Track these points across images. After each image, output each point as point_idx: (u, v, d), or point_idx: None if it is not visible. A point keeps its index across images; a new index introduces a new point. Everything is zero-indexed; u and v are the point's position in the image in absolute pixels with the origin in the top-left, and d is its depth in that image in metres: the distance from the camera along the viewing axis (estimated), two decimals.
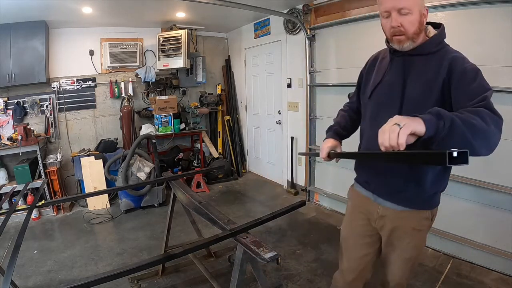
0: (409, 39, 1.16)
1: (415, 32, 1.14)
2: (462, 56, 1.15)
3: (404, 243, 1.31)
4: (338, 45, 3.23)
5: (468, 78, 1.07)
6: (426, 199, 1.24)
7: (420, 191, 1.22)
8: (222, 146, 5.09)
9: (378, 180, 1.32)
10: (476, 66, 1.12)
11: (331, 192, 3.48)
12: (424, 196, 1.23)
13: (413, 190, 1.22)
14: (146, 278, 2.26)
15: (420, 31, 1.16)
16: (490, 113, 0.99)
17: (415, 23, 1.12)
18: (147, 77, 4.29)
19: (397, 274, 1.39)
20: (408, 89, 1.17)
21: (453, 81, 1.09)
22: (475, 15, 2.17)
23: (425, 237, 1.32)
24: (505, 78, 2.05)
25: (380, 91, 1.30)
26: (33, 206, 1.85)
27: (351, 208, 1.50)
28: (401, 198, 1.25)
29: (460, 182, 2.34)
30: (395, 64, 1.27)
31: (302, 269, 2.40)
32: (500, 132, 1.01)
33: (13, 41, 3.42)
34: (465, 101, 1.03)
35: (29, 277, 2.40)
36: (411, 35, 1.14)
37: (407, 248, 1.31)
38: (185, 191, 2.03)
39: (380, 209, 1.32)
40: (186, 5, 3.42)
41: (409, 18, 1.11)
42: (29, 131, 3.48)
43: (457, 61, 1.12)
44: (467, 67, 1.10)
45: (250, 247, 1.30)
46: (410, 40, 1.16)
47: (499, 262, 2.19)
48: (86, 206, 3.77)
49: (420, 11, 1.12)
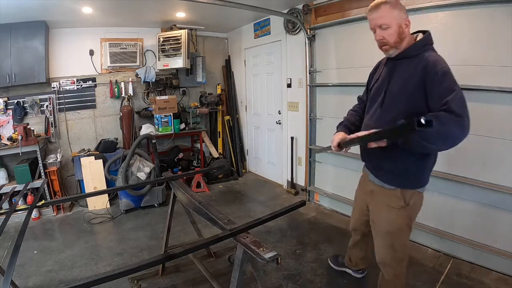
0: (392, 48, 1.43)
1: (396, 41, 1.41)
2: (435, 59, 1.34)
3: (380, 218, 1.63)
4: (338, 45, 3.23)
5: (438, 80, 1.28)
6: (398, 179, 1.51)
7: (393, 170, 1.51)
8: (222, 146, 5.09)
9: (368, 160, 1.67)
10: (447, 69, 1.30)
11: (331, 192, 3.48)
12: (396, 176, 1.51)
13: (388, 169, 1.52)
14: (146, 278, 2.26)
15: (401, 40, 1.41)
16: (449, 115, 1.19)
17: (394, 35, 1.40)
18: (147, 77, 4.29)
19: (380, 252, 1.66)
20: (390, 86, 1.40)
21: (427, 82, 1.32)
22: (475, 15, 2.17)
23: (401, 217, 1.55)
24: (505, 78, 2.05)
25: (374, 88, 1.62)
26: (33, 206, 1.85)
27: (361, 179, 1.90)
28: (380, 174, 1.58)
29: (460, 182, 2.34)
30: (387, 66, 1.56)
31: (302, 269, 2.40)
32: (462, 128, 1.22)
33: (13, 41, 3.42)
34: (435, 100, 1.28)
35: (29, 277, 2.40)
36: (393, 44, 1.42)
37: (382, 222, 1.61)
38: (185, 191, 2.03)
39: (370, 185, 1.67)
40: (186, 5, 3.42)
41: (389, 31, 1.39)
42: (29, 131, 3.48)
43: (430, 64, 1.33)
44: (438, 71, 1.29)
45: (250, 247, 1.30)
46: (393, 48, 1.44)
47: (499, 262, 2.18)
48: (86, 206, 3.77)
49: (398, 24, 1.39)
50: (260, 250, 1.27)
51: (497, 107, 2.13)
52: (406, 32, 1.41)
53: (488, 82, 2.13)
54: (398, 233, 1.57)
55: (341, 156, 3.28)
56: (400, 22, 1.38)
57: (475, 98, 2.22)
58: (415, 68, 1.36)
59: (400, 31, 1.39)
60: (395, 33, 1.39)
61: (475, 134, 2.24)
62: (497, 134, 2.15)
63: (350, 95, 3.18)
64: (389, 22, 1.38)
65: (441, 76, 1.28)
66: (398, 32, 1.39)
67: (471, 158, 2.30)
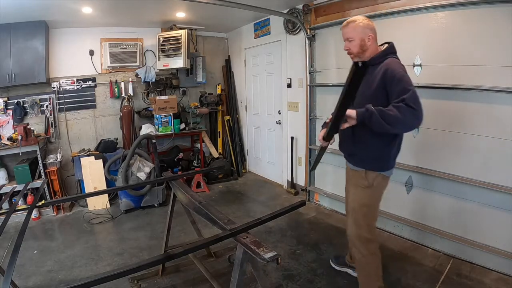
0: (356, 56, 1.80)
1: (358, 52, 1.78)
2: (394, 66, 1.66)
3: (350, 196, 1.99)
4: (338, 45, 3.22)
5: (395, 84, 1.61)
6: (365, 162, 1.81)
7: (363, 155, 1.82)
8: (222, 146, 5.09)
9: (344, 149, 1.95)
10: (402, 73, 1.63)
11: (331, 192, 3.48)
12: (365, 160, 1.81)
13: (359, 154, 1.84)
14: (146, 278, 2.26)
15: (363, 50, 1.77)
16: (406, 107, 1.52)
17: (357, 46, 1.77)
18: (147, 77, 4.29)
19: (348, 228, 1.94)
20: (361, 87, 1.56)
21: (387, 84, 1.64)
22: (475, 15, 2.17)
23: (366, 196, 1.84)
24: (505, 78, 2.05)
25: None
26: (33, 206, 1.85)
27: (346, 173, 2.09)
28: (353, 160, 1.89)
29: (460, 182, 2.34)
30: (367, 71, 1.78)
31: (302, 269, 2.40)
32: (416, 118, 1.55)
33: (13, 41, 3.42)
34: (395, 98, 1.59)
35: (29, 277, 2.40)
36: (356, 53, 1.79)
37: (351, 200, 1.96)
38: (185, 191, 2.03)
39: (348, 170, 1.98)
40: (186, 5, 3.42)
41: (353, 43, 1.77)
42: (29, 131, 3.48)
43: (389, 70, 1.65)
44: (395, 76, 1.62)
45: (250, 247, 1.30)
46: (357, 57, 1.79)
47: (499, 262, 2.19)
48: (86, 206, 3.77)
49: (361, 39, 1.75)
50: (260, 250, 1.27)
51: (497, 107, 2.13)
52: (368, 45, 1.76)
53: (488, 82, 2.13)
54: (361, 210, 1.85)
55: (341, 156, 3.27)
56: (364, 37, 1.75)
57: (475, 98, 2.23)
58: (378, 73, 1.69)
59: (362, 44, 1.75)
60: (358, 45, 1.76)
61: (475, 134, 2.26)
62: (497, 134, 2.14)
63: None
64: (353, 36, 1.76)
65: (398, 80, 1.60)
66: (360, 44, 1.76)
67: (471, 158, 2.30)
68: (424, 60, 2.49)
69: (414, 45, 2.53)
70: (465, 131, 2.31)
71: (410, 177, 2.70)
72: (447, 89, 2.36)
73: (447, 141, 2.42)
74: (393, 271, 2.31)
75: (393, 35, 2.66)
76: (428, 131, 2.53)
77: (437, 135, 2.48)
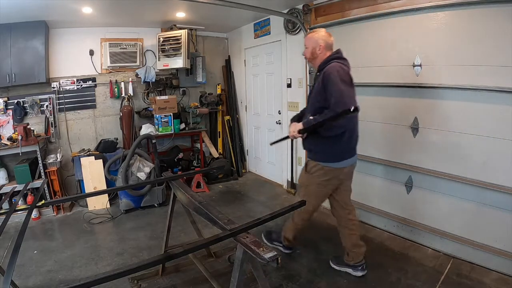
0: (309, 62, 2.23)
1: (310, 58, 2.16)
2: (329, 70, 1.93)
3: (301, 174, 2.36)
4: (338, 45, 3.19)
5: (329, 86, 1.90)
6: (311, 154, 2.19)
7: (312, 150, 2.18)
8: (222, 146, 5.09)
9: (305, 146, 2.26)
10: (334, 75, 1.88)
11: None
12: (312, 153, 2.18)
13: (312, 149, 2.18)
14: (146, 278, 2.26)
15: (314, 58, 2.13)
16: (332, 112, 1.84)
17: (309, 53, 2.13)
18: (147, 77, 4.29)
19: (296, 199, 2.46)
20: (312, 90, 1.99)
21: (325, 87, 1.93)
22: (475, 15, 2.17)
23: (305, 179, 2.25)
24: (505, 78, 2.05)
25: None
26: (33, 206, 1.85)
27: None
28: (309, 154, 2.24)
29: (460, 182, 2.34)
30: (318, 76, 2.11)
31: (302, 269, 2.40)
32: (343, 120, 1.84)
33: (13, 41, 3.42)
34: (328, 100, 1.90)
35: (29, 277, 2.40)
36: (309, 59, 2.19)
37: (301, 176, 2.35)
38: (185, 191, 2.03)
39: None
40: (186, 5, 3.42)
41: (308, 50, 2.14)
42: (29, 131, 3.48)
43: (325, 74, 1.94)
44: (329, 79, 1.90)
45: (250, 247, 1.30)
46: (310, 62, 2.22)
47: (499, 262, 2.18)
48: (86, 206, 3.77)
49: (313, 47, 2.10)
50: (260, 250, 1.27)
51: (497, 107, 2.13)
52: (318, 53, 2.09)
53: (488, 82, 2.13)
54: (301, 188, 2.34)
55: None
56: (315, 46, 2.09)
57: (475, 98, 2.23)
58: (320, 78, 2.00)
59: (313, 51, 2.11)
60: (310, 52, 2.13)
61: (475, 134, 2.26)
62: (497, 134, 2.14)
63: None
64: (308, 45, 2.14)
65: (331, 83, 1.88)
66: (312, 52, 2.12)
67: (471, 158, 2.30)
68: (424, 60, 2.49)
69: (414, 45, 2.53)
70: (465, 131, 2.31)
71: (410, 177, 2.70)
72: (447, 89, 2.36)
73: (447, 141, 2.42)
74: (393, 271, 2.31)
75: (393, 35, 2.68)
76: (428, 131, 2.53)
77: (437, 135, 2.48)
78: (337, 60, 1.99)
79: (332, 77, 1.87)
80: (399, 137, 2.74)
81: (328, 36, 2.10)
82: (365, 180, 3.09)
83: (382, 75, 2.79)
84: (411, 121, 2.63)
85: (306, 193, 2.23)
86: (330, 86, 1.87)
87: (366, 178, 3.07)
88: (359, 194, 3.18)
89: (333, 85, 1.86)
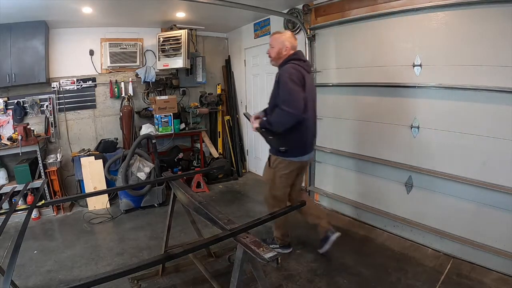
0: (272, 61, 2.31)
1: (275, 57, 2.26)
2: (282, 72, 2.12)
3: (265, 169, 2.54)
4: (338, 45, 3.23)
5: (280, 85, 2.08)
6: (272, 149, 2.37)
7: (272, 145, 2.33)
8: (222, 146, 5.09)
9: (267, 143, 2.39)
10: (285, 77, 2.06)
11: (331, 192, 3.48)
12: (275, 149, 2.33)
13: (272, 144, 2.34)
14: (146, 278, 2.26)
15: (279, 57, 2.24)
16: (280, 110, 2.05)
17: (274, 53, 2.25)
18: (147, 77, 4.29)
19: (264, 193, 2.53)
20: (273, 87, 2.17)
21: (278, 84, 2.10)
22: (475, 15, 2.17)
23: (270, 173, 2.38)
24: (505, 78, 2.05)
25: None
26: (33, 206, 1.85)
27: None
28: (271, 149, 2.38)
29: (460, 182, 2.34)
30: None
31: (302, 269, 2.40)
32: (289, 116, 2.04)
33: (13, 41, 3.42)
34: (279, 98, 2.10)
35: (29, 277, 2.40)
36: (273, 58, 2.29)
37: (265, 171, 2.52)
38: (185, 191, 2.03)
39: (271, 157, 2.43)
40: (186, 5, 3.42)
41: (273, 50, 2.25)
42: (29, 131, 3.48)
43: (280, 73, 2.13)
44: (282, 79, 2.08)
45: (250, 247, 1.30)
46: (273, 61, 2.31)
47: (499, 262, 2.18)
48: (86, 206, 3.77)
49: (279, 47, 2.22)
50: (260, 250, 1.27)
51: (497, 107, 2.13)
52: (283, 53, 2.22)
53: (488, 82, 2.13)
54: (268, 183, 2.43)
55: (341, 156, 3.29)
56: (281, 47, 2.21)
57: (475, 98, 2.23)
58: (277, 77, 2.17)
59: (279, 51, 2.23)
60: (275, 52, 2.24)
61: (475, 134, 2.26)
62: (497, 134, 2.14)
63: (350, 95, 3.19)
64: (274, 45, 2.24)
65: (281, 84, 2.05)
66: (278, 52, 2.23)
67: (471, 158, 2.30)
68: (424, 60, 2.49)
69: (414, 45, 2.53)
70: (464, 131, 2.31)
71: (410, 177, 2.70)
72: (447, 89, 2.36)
73: (447, 141, 2.42)
74: (393, 271, 2.31)
75: (393, 35, 2.68)
76: (428, 131, 2.53)
77: (437, 135, 2.48)
78: (293, 62, 2.14)
79: (284, 78, 2.05)
80: (399, 137, 2.74)
81: (294, 39, 2.26)
82: (365, 180, 3.10)
83: (382, 75, 2.79)
84: (411, 121, 2.63)
85: (273, 187, 2.39)
86: (281, 85, 2.06)
87: (366, 178, 3.07)
88: (359, 194, 3.20)
89: (283, 85, 2.05)
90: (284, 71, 2.09)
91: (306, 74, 2.15)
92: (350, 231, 2.97)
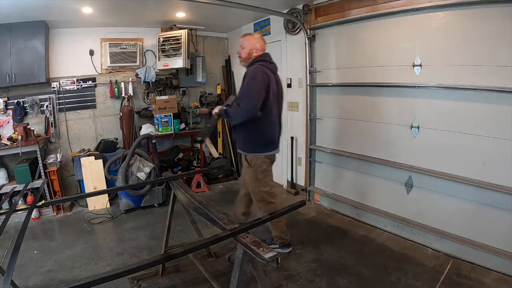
0: (242, 61, 2.42)
1: (245, 58, 2.37)
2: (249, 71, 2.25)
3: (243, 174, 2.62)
4: (338, 45, 3.23)
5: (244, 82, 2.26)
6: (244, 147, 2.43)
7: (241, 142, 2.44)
8: (222, 146, 5.08)
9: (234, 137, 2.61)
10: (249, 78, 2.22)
11: (331, 192, 3.48)
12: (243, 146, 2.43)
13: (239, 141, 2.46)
14: (146, 278, 2.26)
15: (248, 58, 2.35)
16: (237, 106, 2.22)
17: (245, 53, 2.35)
18: (147, 77, 4.29)
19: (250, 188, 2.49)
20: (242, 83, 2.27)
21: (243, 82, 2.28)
22: (475, 15, 2.17)
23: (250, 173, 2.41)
24: (505, 78, 2.05)
25: None
26: (33, 206, 1.85)
27: None
28: (238, 145, 2.49)
29: (460, 182, 2.34)
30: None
31: (302, 269, 2.40)
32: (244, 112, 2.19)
33: (13, 41, 3.42)
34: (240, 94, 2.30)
35: (29, 277, 2.40)
36: (243, 58, 2.39)
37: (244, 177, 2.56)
38: (185, 191, 2.03)
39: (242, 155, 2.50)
40: (186, 5, 3.42)
41: (245, 51, 2.35)
42: (29, 131, 3.48)
43: (246, 73, 2.27)
44: (246, 77, 2.24)
45: (250, 247, 1.30)
46: (243, 62, 2.41)
47: (499, 262, 2.18)
48: (86, 206, 3.77)
49: (250, 48, 2.33)
50: (260, 250, 1.27)
51: (497, 107, 2.13)
52: (253, 54, 2.33)
53: (488, 82, 2.13)
54: (251, 183, 2.43)
55: (341, 156, 3.29)
56: (252, 48, 2.33)
57: (475, 98, 2.23)
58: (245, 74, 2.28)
59: (250, 52, 2.34)
60: (246, 53, 2.35)
61: (475, 134, 2.26)
62: (497, 134, 2.14)
63: (350, 95, 3.19)
64: (245, 46, 2.35)
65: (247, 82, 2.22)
66: (248, 52, 2.34)
67: (471, 158, 2.30)
68: (424, 60, 2.49)
69: (414, 45, 2.53)
70: (464, 131, 2.31)
71: (410, 177, 2.70)
72: (447, 89, 2.36)
73: (446, 140, 2.42)
74: (393, 271, 2.31)
75: (393, 35, 2.69)
76: (428, 131, 2.53)
77: (437, 135, 2.48)
78: (260, 63, 2.28)
79: (248, 76, 2.23)
80: (399, 137, 2.74)
81: (263, 41, 2.41)
82: (365, 180, 3.10)
83: (382, 75, 2.79)
84: (411, 121, 2.63)
85: (258, 184, 2.43)
86: (244, 83, 2.24)
87: (366, 178, 3.08)
88: (359, 194, 3.20)
89: (246, 83, 2.22)
90: (250, 71, 2.24)
91: (271, 74, 2.30)
92: (350, 231, 2.97)
